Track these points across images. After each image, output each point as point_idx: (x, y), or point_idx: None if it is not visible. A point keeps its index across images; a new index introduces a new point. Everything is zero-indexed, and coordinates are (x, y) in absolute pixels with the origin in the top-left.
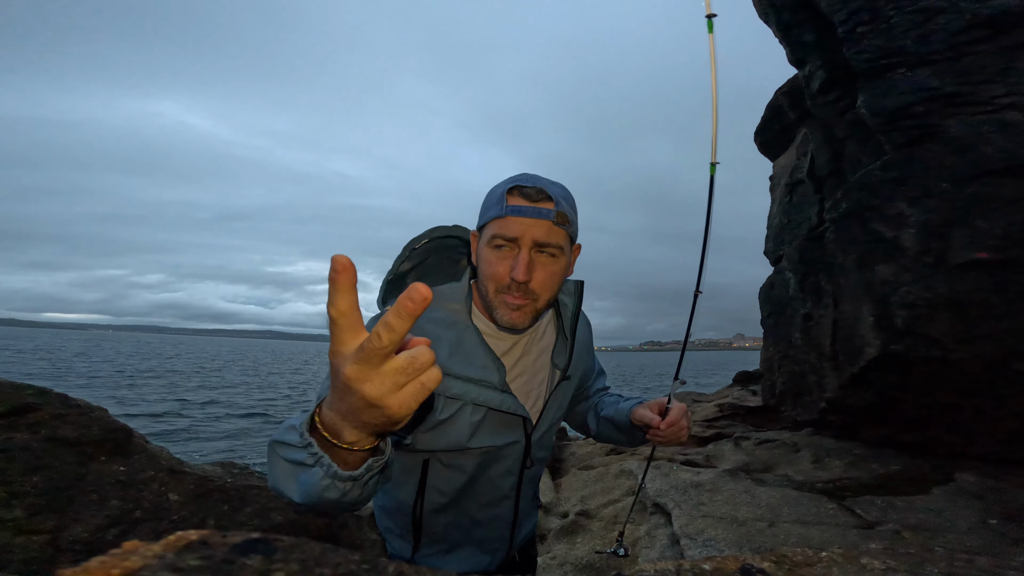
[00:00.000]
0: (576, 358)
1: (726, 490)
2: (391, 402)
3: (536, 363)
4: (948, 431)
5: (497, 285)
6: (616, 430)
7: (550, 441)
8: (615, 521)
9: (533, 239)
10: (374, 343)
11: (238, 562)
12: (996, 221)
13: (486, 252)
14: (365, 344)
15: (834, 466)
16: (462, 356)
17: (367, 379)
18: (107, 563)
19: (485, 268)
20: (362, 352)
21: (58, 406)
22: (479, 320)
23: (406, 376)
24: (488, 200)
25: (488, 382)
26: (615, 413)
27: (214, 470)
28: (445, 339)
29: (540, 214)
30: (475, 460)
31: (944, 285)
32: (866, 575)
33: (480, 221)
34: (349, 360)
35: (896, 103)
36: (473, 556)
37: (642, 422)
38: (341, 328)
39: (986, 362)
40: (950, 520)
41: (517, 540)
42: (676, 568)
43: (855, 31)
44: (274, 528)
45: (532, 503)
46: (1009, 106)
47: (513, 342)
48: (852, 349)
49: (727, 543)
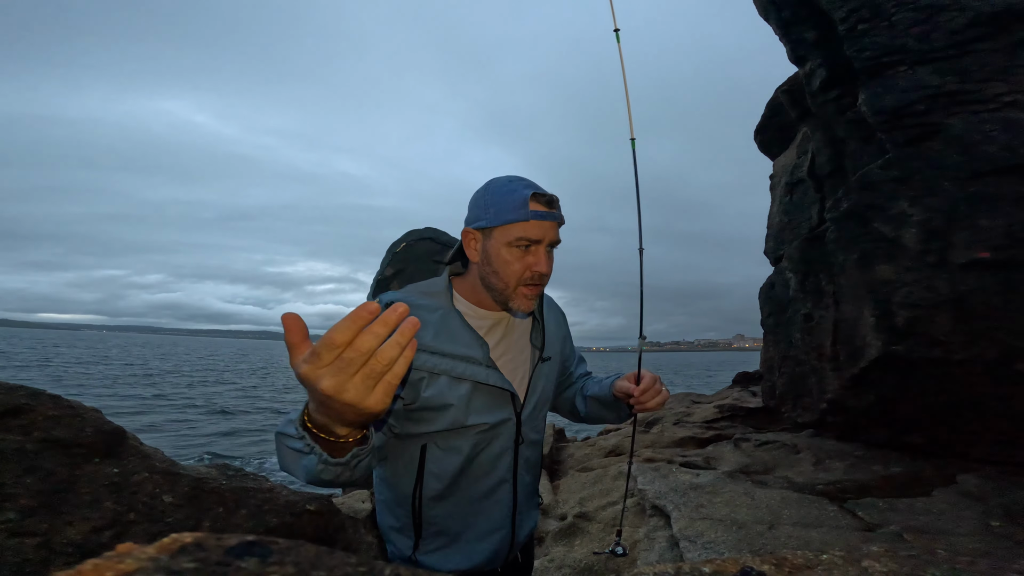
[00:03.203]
0: (550, 337)
1: (726, 492)
2: (369, 403)
3: (518, 343)
4: (950, 432)
5: (519, 279)
6: (602, 407)
7: (541, 424)
8: (614, 523)
9: (549, 240)
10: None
11: (233, 565)
12: (998, 220)
13: (505, 251)
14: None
15: (835, 468)
16: (447, 336)
17: (343, 390)
18: (101, 566)
19: (504, 265)
20: (329, 365)
21: (51, 407)
22: (460, 303)
23: (373, 379)
24: (500, 203)
25: (473, 358)
26: (599, 391)
27: (209, 472)
28: (430, 322)
29: (555, 218)
30: (471, 440)
31: (946, 285)
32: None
33: (492, 222)
34: (322, 377)
35: (897, 101)
36: (476, 549)
37: (622, 392)
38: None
39: (988, 363)
40: (952, 522)
41: (520, 535)
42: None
43: (856, 28)
44: (269, 531)
45: (531, 496)
46: (1012, 104)
47: (494, 321)
48: (853, 350)
49: (727, 545)
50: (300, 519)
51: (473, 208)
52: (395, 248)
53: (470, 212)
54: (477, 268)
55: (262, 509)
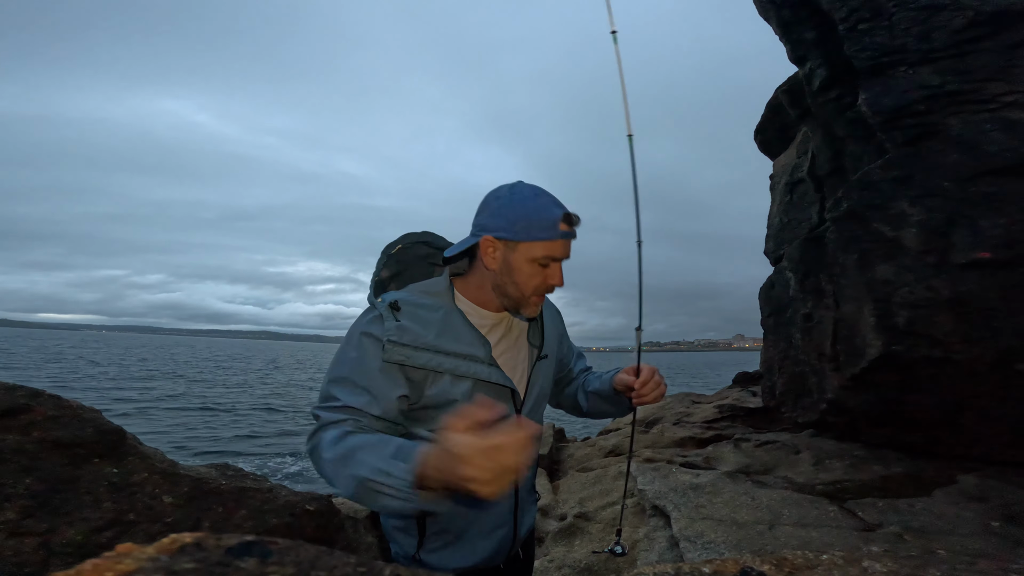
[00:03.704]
0: (548, 336)
1: (726, 492)
2: (486, 490)
3: (517, 342)
4: (950, 432)
5: (535, 290)
6: (604, 401)
7: (539, 420)
8: (613, 523)
9: (565, 256)
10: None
11: (233, 565)
12: (998, 220)
13: (528, 266)
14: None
15: (835, 468)
16: (450, 335)
17: (486, 482)
18: (100, 566)
19: (526, 279)
20: (494, 478)
21: (51, 408)
22: (462, 303)
23: (507, 477)
24: (531, 220)
25: (476, 356)
26: (600, 386)
27: (208, 472)
28: (433, 321)
29: (575, 236)
30: None
31: (946, 285)
32: None
33: (519, 236)
34: (488, 484)
35: (897, 101)
36: (480, 546)
37: (623, 385)
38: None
39: (988, 363)
40: (952, 522)
41: (521, 530)
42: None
43: (856, 28)
44: (269, 531)
45: (531, 492)
46: (1012, 104)
47: (495, 321)
48: (853, 349)
49: (727, 545)
50: (300, 519)
51: (495, 217)
52: (390, 250)
53: (491, 220)
54: (492, 275)
55: (262, 509)
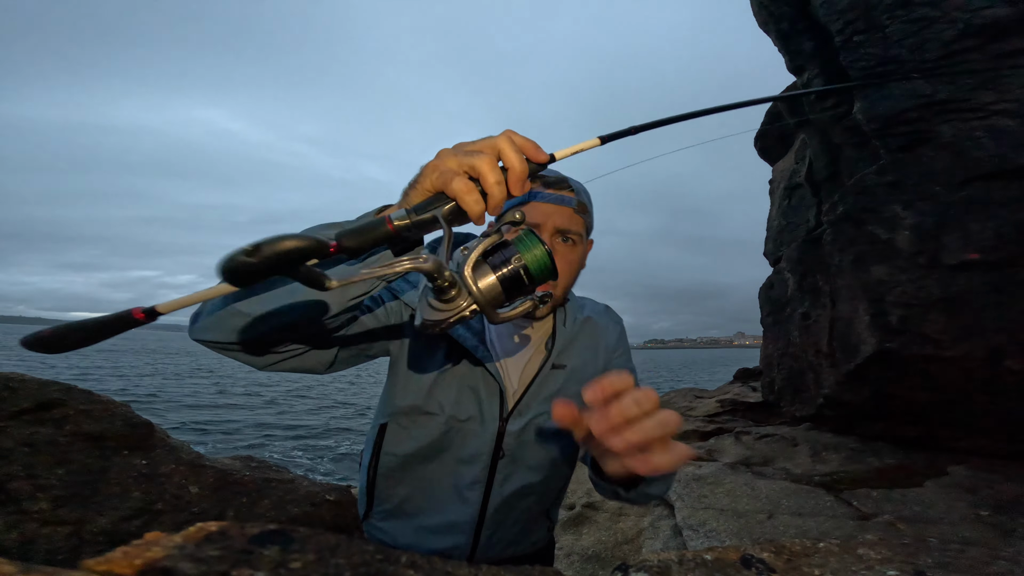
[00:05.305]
0: (573, 347)
1: (727, 483)
2: (457, 188)
3: (519, 333)
4: (942, 426)
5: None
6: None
7: (541, 456)
8: (621, 513)
9: (555, 226)
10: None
11: (256, 552)
12: (987, 223)
13: None
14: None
15: (831, 460)
16: None
17: (451, 171)
18: (130, 553)
19: None
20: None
21: (82, 401)
22: None
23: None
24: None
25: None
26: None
27: (233, 464)
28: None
29: (563, 200)
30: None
31: (937, 285)
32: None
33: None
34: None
35: (891, 109)
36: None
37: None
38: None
39: (978, 359)
40: (943, 512)
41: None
42: (679, 558)
43: (852, 40)
44: (291, 520)
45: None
46: (1001, 112)
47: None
48: (849, 347)
49: (728, 534)
50: (320, 508)
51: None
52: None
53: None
54: None
55: (284, 499)
